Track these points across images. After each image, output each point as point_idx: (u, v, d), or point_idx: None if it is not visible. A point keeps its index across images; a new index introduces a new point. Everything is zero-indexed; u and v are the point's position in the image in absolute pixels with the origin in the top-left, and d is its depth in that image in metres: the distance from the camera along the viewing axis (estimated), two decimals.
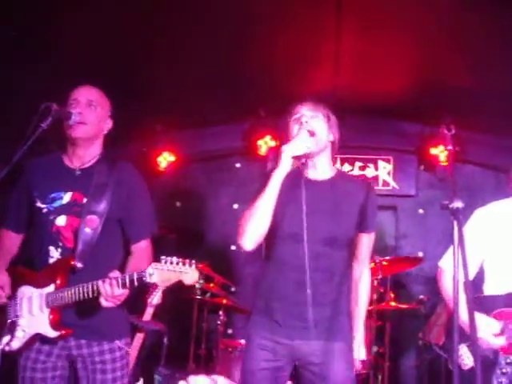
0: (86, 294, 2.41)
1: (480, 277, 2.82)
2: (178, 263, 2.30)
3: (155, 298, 4.05)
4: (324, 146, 2.62)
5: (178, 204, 6.06)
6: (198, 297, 4.63)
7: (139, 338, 4.09)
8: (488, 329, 2.54)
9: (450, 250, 2.05)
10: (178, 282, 2.31)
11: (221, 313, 4.64)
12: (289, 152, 2.44)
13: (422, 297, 4.86)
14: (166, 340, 4.54)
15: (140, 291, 4.07)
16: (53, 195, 2.60)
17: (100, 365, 2.56)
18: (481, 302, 2.65)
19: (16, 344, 2.52)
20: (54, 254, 2.56)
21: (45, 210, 2.59)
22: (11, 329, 2.54)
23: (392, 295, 4.69)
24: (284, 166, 2.45)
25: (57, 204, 2.59)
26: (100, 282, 2.37)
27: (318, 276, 2.53)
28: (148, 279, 2.29)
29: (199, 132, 5.83)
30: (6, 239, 2.76)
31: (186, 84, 4.69)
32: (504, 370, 2.52)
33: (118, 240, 2.69)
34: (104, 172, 2.64)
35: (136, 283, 2.34)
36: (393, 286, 4.86)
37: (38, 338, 2.51)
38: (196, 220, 5.89)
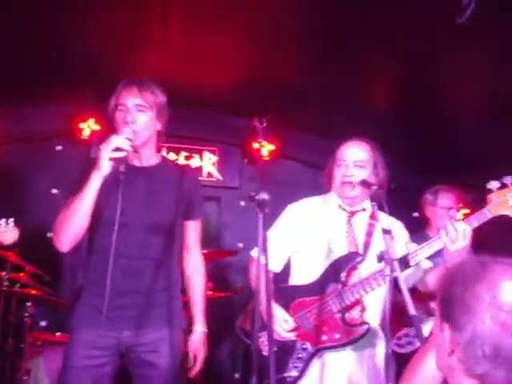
0: None
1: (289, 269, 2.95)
2: None
3: None
4: (148, 138, 2.57)
5: None
6: (5, 288, 4.30)
7: None
8: (283, 324, 2.65)
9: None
10: None
11: (29, 304, 4.34)
12: (107, 155, 2.31)
13: (239, 285, 5.01)
14: None
15: None
16: None
17: None
18: (282, 292, 2.76)
19: None
20: None
21: None
22: None
23: (210, 285, 4.76)
24: (103, 170, 2.31)
25: None
26: None
27: (144, 263, 2.51)
28: None
29: (16, 112, 5.42)
30: None
31: (5, 59, 4.34)
32: (300, 355, 2.66)
33: None
34: None
35: None
36: (212, 276, 4.94)
37: None
38: (9, 205, 5.47)
